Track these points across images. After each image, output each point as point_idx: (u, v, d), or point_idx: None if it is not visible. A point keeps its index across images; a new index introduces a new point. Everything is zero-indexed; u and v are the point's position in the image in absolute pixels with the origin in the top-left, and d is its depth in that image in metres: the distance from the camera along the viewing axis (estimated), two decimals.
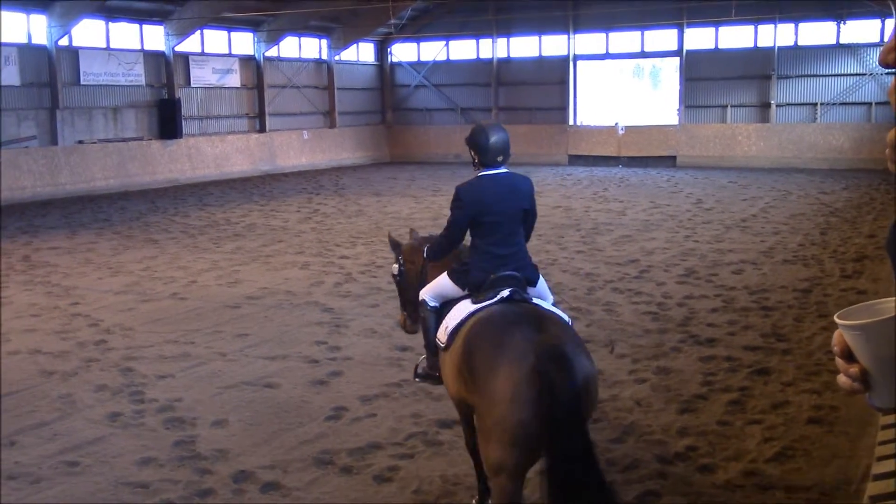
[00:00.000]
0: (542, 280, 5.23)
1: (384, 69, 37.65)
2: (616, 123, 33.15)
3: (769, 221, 17.46)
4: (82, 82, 25.90)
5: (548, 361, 4.16)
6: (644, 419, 6.82)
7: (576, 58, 34.17)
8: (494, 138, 5.00)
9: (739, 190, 23.38)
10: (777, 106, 30.97)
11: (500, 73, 35.44)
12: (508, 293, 4.83)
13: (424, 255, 5.54)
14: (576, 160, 33.14)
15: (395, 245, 6.03)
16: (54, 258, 14.51)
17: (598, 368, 4.46)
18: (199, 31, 29.09)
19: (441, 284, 5.25)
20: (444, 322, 4.94)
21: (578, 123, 34.37)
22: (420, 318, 5.41)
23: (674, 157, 31.77)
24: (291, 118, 33.38)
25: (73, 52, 25.65)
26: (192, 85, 29.51)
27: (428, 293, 5.32)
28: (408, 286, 5.84)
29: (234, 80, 31.15)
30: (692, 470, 5.92)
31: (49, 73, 24.85)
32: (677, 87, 33.08)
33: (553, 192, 23.64)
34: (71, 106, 25.57)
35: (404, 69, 37.32)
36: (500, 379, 4.27)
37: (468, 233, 5.22)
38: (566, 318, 4.89)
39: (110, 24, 26.65)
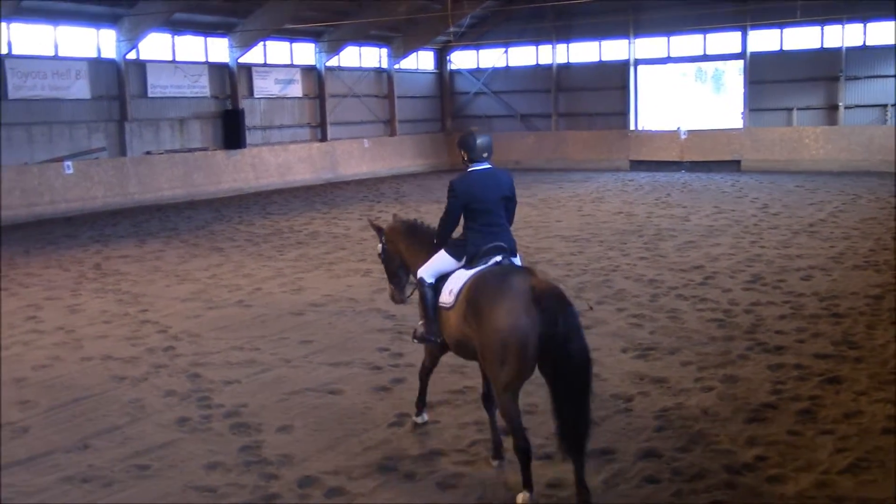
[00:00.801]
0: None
1: (443, 77, 37.80)
2: (678, 128, 32.72)
3: (838, 226, 17.02)
4: (150, 95, 26.54)
5: (546, 296, 5.27)
6: (711, 428, 6.70)
7: (636, 62, 33.85)
8: (481, 140, 6.20)
9: (807, 194, 22.84)
10: (845, 108, 30.21)
11: (559, 79, 35.29)
12: (500, 258, 5.99)
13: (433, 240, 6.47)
14: (637, 165, 32.81)
15: (378, 228, 7.11)
16: (124, 266, 14.87)
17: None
18: (261, 43, 29.60)
19: (439, 261, 6.24)
20: (447, 287, 6.00)
21: (640, 128, 34.03)
22: (419, 293, 6.30)
23: (738, 162, 31.21)
24: (352, 127, 33.72)
25: (141, 66, 26.31)
26: (256, 95, 30.01)
27: (426, 271, 6.27)
28: (391, 262, 6.98)
29: (296, 90, 31.58)
30: (761, 481, 5.80)
31: (118, 86, 25.54)
32: (741, 90, 32.53)
33: (615, 197, 23.43)
34: (139, 118, 26.22)
35: (464, 77, 37.42)
36: (502, 312, 5.33)
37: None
38: None
39: (176, 37, 27.28)
